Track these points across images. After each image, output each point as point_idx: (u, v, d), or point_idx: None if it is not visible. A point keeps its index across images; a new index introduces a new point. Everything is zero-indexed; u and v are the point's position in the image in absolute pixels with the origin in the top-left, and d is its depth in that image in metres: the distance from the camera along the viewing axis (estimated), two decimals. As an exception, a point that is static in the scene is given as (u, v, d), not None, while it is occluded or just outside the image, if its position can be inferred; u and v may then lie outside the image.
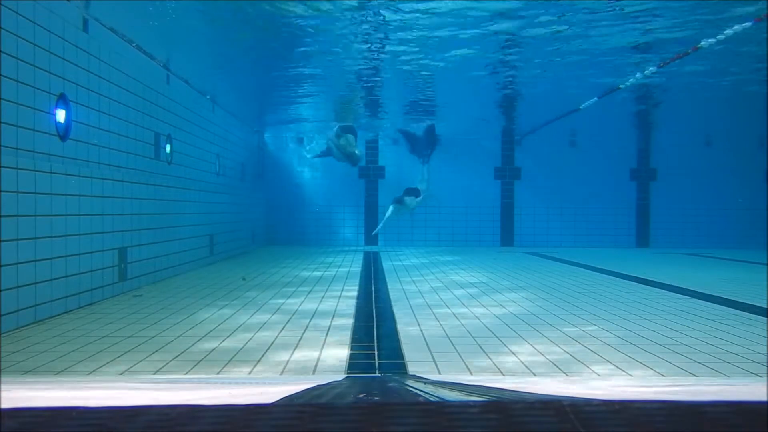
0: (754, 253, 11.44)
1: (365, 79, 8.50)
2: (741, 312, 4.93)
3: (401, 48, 6.91)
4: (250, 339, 3.89)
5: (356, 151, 11.77)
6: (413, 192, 12.42)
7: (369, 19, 5.92)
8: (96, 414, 0.96)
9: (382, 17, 5.90)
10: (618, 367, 3.23)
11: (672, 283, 6.80)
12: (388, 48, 6.86)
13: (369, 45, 6.81)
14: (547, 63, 7.52)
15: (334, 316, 4.75)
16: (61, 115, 4.76)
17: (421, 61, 7.58)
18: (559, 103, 9.89)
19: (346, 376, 3.05)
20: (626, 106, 10.89)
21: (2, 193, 3.89)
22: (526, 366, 3.25)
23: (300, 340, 3.87)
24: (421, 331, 4.17)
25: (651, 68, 7.72)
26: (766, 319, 4.58)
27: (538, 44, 6.77)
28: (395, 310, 5.08)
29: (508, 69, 7.86)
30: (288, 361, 3.34)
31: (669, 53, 7.09)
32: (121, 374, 3.07)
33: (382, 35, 6.40)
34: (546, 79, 8.38)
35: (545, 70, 7.77)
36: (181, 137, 7.70)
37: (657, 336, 3.99)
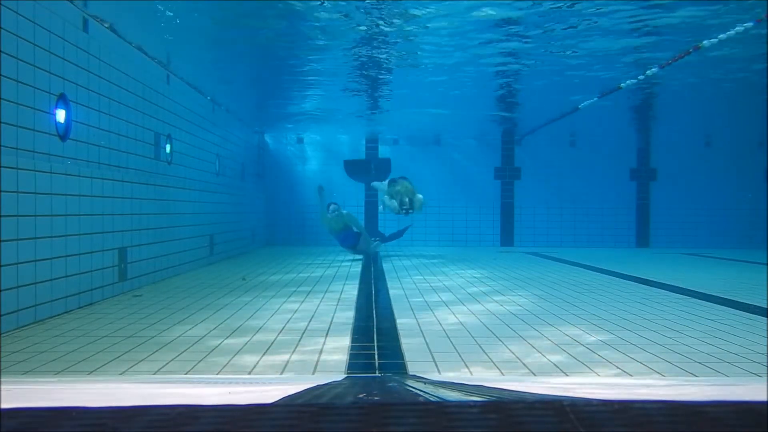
0: (754, 253, 11.45)
1: (368, 76, 8.48)
2: (741, 312, 4.93)
3: (405, 43, 6.88)
4: (250, 339, 3.89)
5: (418, 196, 9.76)
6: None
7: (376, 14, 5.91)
8: (96, 414, 0.96)
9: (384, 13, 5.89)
10: (618, 367, 3.22)
11: (672, 283, 6.80)
12: (390, 40, 6.81)
13: (371, 41, 6.78)
14: (550, 56, 7.49)
15: (334, 316, 4.75)
16: (61, 115, 4.76)
17: (425, 60, 7.59)
18: (559, 98, 9.85)
19: (346, 376, 3.05)
20: (626, 106, 10.89)
21: (2, 193, 3.89)
22: (525, 366, 3.25)
23: (300, 339, 3.87)
24: (421, 330, 4.17)
25: (653, 69, 7.71)
26: (766, 319, 4.58)
27: (541, 37, 6.73)
28: (395, 309, 5.08)
29: (510, 62, 7.83)
30: (288, 361, 3.34)
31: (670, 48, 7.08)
32: (121, 374, 3.07)
33: (386, 27, 6.34)
34: (547, 74, 8.35)
35: (547, 61, 7.71)
36: (181, 137, 7.70)
37: (657, 336, 3.99)
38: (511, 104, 10.57)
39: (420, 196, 9.81)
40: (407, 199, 9.55)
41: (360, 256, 10.14)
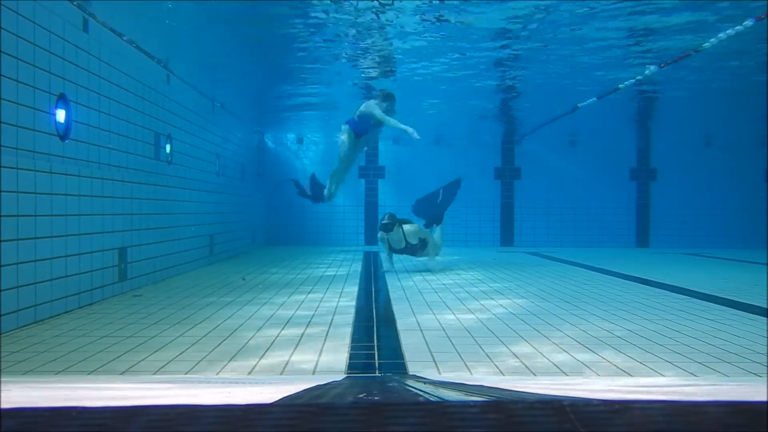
0: (754, 253, 11.44)
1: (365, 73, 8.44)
2: (741, 312, 4.93)
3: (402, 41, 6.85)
4: (250, 339, 3.89)
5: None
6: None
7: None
8: (96, 414, 0.96)
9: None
10: (618, 367, 3.22)
11: (672, 283, 6.80)
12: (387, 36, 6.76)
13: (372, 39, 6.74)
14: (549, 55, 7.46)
15: (334, 316, 4.75)
16: (61, 115, 4.75)
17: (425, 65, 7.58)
18: (560, 97, 9.81)
19: (346, 376, 3.05)
20: (626, 106, 10.88)
21: (2, 193, 3.89)
22: (526, 366, 3.25)
23: (300, 339, 3.87)
24: (421, 330, 4.17)
25: (651, 68, 7.71)
26: (766, 319, 4.58)
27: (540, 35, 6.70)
28: (395, 309, 5.07)
29: (510, 62, 7.80)
30: (288, 361, 3.34)
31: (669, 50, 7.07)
32: (121, 374, 3.07)
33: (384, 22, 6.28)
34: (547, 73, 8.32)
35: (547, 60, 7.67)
36: (181, 137, 7.70)
37: (657, 336, 3.99)
38: (512, 98, 10.47)
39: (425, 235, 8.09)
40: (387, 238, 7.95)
41: (360, 255, 10.10)
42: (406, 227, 8.05)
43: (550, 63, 7.73)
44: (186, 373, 3.10)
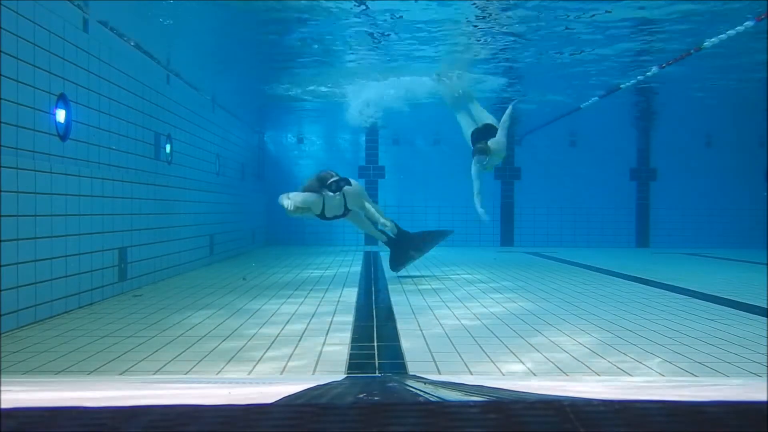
0: (754, 253, 11.44)
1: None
2: (741, 312, 4.93)
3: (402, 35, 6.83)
4: (250, 339, 3.89)
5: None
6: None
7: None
8: (96, 414, 0.96)
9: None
10: (618, 367, 3.23)
11: (672, 283, 6.80)
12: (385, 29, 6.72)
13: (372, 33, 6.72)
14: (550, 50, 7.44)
15: (334, 316, 4.75)
16: (61, 115, 4.75)
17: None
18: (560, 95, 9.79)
19: (346, 376, 3.05)
20: (627, 106, 10.88)
21: (2, 193, 3.89)
22: (526, 366, 3.25)
23: (300, 339, 3.87)
24: (421, 331, 4.17)
25: (653, 68, 7.71)
26: (766, 319, 4.58)
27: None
28: (395, 309, 5.08)
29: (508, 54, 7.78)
30: (288, 361, 3.34)
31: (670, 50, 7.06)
32: (121, 374, 3.07)
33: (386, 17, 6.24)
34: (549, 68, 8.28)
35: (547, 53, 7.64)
36: (181, 137, 7.70)
37: (657, 336, 3.99)
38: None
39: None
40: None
41: (360, 256, 10.11)
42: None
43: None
44: (186, 373, 3.10)
